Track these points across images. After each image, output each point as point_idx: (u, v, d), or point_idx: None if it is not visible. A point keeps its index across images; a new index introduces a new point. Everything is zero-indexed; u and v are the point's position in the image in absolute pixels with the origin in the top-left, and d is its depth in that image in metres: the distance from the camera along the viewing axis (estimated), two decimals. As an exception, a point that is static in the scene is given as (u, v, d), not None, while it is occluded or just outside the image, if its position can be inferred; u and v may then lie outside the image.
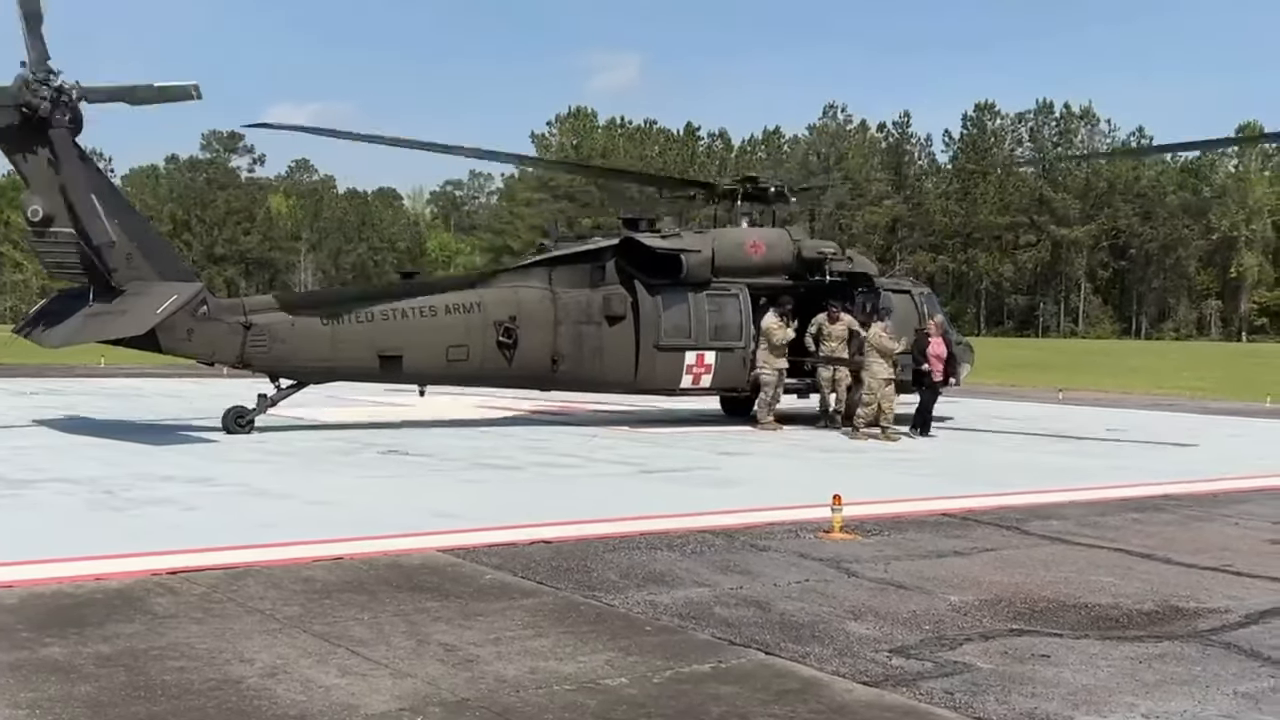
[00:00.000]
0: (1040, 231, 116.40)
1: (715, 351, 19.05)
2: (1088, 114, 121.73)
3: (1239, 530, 10.34)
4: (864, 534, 9.48)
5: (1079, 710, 5.24)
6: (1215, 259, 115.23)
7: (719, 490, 12.09)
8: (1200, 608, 7.29)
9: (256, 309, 17.28)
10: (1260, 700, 5.45)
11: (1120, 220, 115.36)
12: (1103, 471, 14.46)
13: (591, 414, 21.22)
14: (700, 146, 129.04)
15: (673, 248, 18.92)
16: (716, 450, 15.90)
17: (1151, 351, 72.76)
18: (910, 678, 5.69)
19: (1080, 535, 9.82)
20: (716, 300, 19.21)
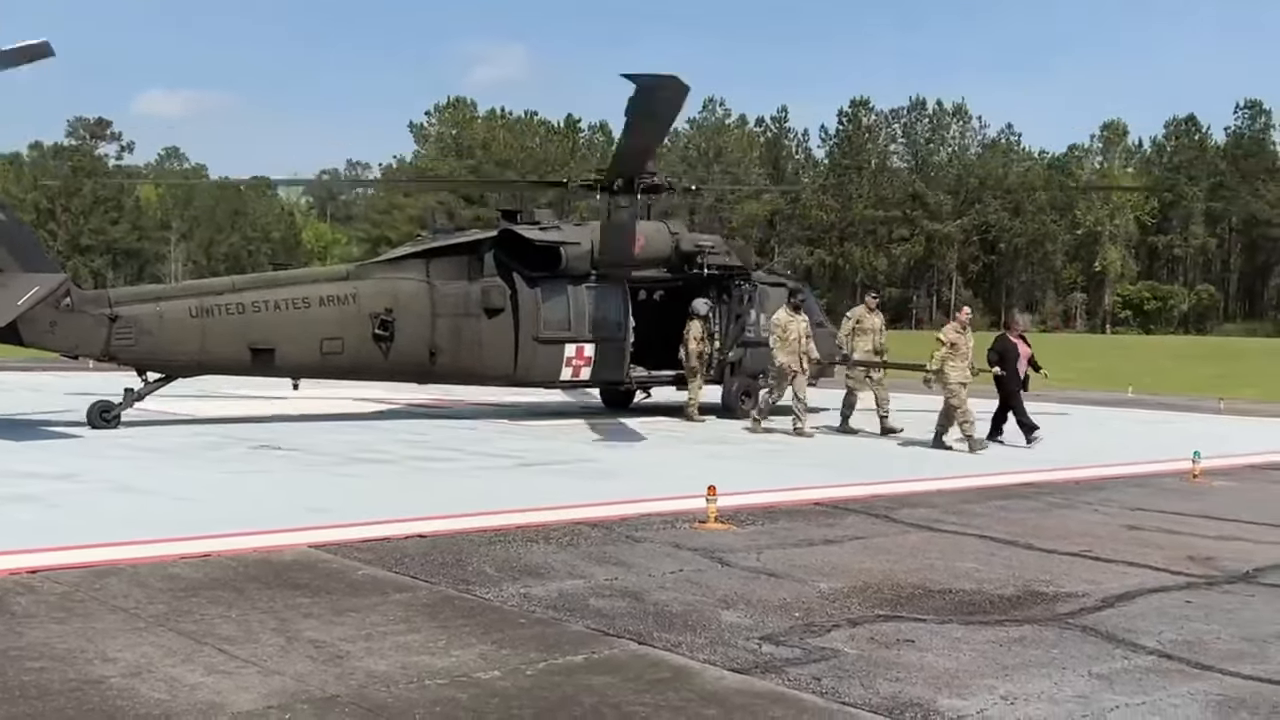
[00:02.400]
0: (914, 226, 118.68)
1: (595, 344, 19.07)
2: (960, 110, 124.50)
3: (1098, 517, 10.70)
4: (738, 524, 9.60)
5: (941, 693, 5.39)
6: (1081, 253, 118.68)
7: (597, 482, 12.13)
8: (1060, 592, 7.54)
9: (123, 300, 16.83)
10: (1113, 680, 5.66)
11: (990, 215, 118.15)
12: (969, 460, 14.84)
13: (470, 407, 21.10)
14: (581, 139, 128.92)
15: (551, 240, 18.90)
16: (595, 442, 15.95)
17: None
18: (779, 664, 5.79)
19: (946, 523, 10.07)
20: (596, 293, 19.24)
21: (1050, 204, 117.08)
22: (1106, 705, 5.28)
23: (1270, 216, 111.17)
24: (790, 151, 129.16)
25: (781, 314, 17.88)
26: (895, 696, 5.32)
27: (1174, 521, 10.50)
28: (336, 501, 10.45)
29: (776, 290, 21.02)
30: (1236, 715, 5.19)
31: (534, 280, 18.73)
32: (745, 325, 20.32)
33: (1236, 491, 12.74)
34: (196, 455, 13.67)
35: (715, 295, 20.31)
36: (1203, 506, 11.44)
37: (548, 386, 19.72)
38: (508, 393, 21.57)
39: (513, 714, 5.01)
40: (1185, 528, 10.18)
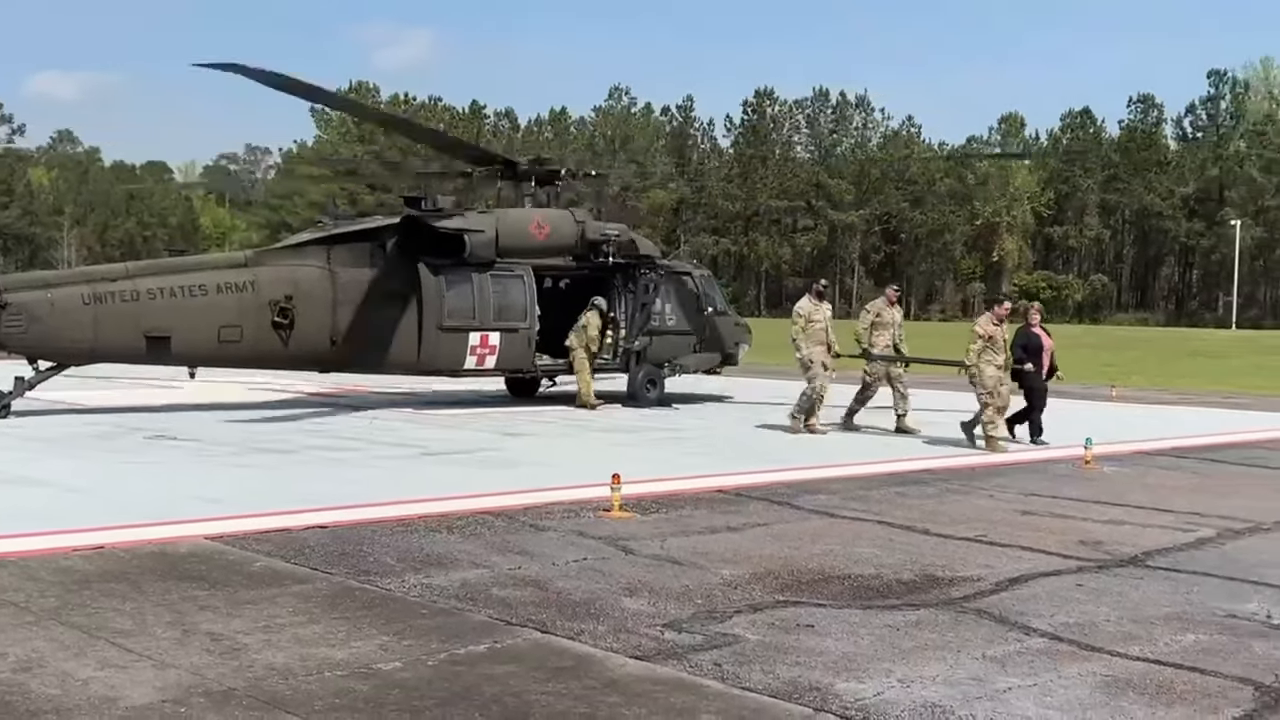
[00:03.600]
0: (817, 216, 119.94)
1: (500, 332, 18.99)
2: (862, 102, 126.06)
3: (993, 502, 10.92)
4: (642, 512, 9.63)
5: (839, 677, 5.47)
6: (979, 243, 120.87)
7: (501, 471, 12.09)
8: (955, 576, 7.69)
9: (12, 287, 16.38)
10: (1006, 663, 5.79)
11: (892, 206, 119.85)
12: (870, 447, 15.06)
13: (373, 396, 20.89)
14: (486, 125, 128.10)
15: (456, 227, 18.78)
16: (500, 432, 15.88)
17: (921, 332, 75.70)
18: (681, 651, 5.83)
19: (846, 509, 10.21)
20: (501, 281, 19.14)
21: (950, 195, 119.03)
22: (1000, 687, 5.40)
23: (1161, 209, 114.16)
24: (696, 141, 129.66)
25: (805, 303, 16.72)
26: (794, 681, 5.39)
27: (1066, 506, 10.75)
28: (234, 492, 10.29)
29: (682, 279, 21.13)
30: (1124, 695, 5.33)
31: (438, 268, 18.59)
32: (651, 314, 20.38)
33: (1127, 477, 13.08)
34: (89, 445, 13.37)
35: (621, 284, 20.35)
36: (1094, 492, 11.73)
37: (452, 375, 19.59)
38: (411, 381, 21.39)
39: (414, 704, 4.99)
40: (1077, 513, 10.43)
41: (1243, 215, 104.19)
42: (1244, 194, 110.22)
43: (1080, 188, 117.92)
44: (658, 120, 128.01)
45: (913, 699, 5.19)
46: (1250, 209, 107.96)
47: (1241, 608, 7.03)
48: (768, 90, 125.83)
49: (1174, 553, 8.71)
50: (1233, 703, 5.25)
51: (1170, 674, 5.66)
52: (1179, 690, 5.41)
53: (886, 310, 17.25)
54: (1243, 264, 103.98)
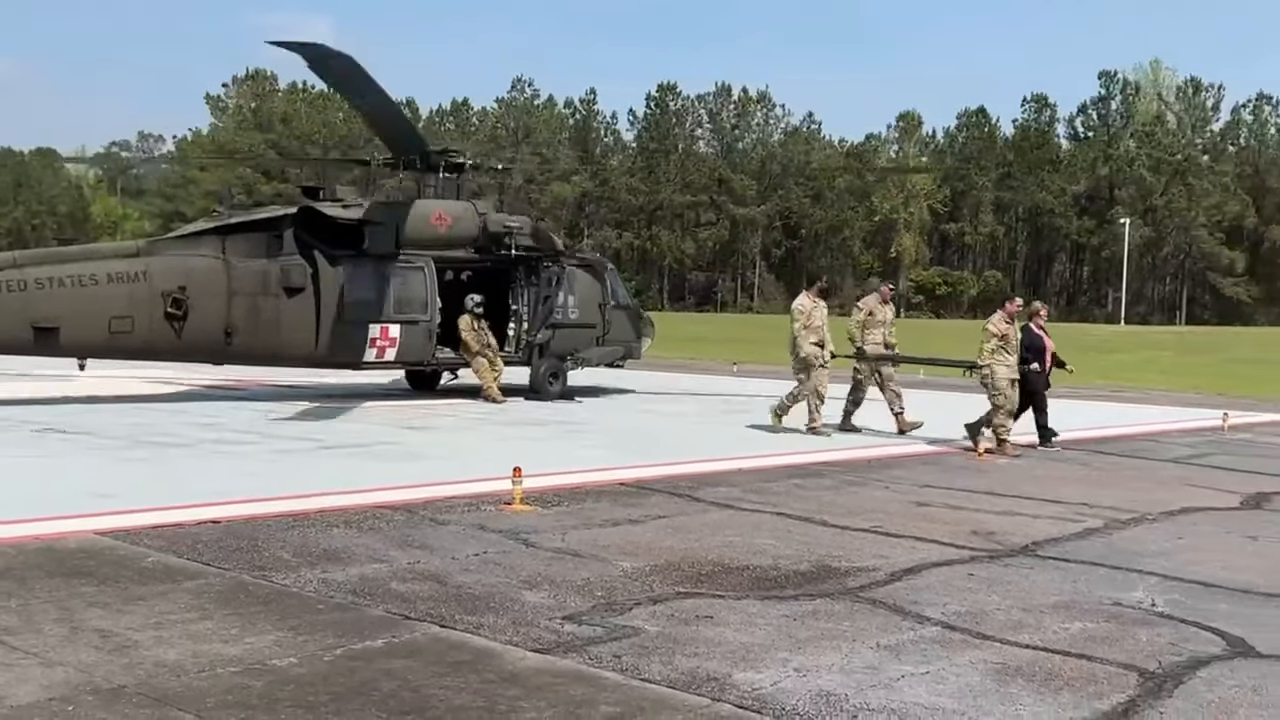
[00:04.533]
0: (719, 211, 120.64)
1: (400, 325, 18.81)
2: (764, 98, 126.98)
3: (889, 494, 11.10)
4: (543, 505, 9.62)
5: (737, 667, 5.52)
6: (877, 239, 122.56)
7: (400, 465, 11.98)
8: (851, 567, 7.80)
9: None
10: (900, 651, 5.89)
11: (793, 201, 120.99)
12: (770, 440, 15.20)
13: (269, 389, 20.56)
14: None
15: (354, 218, 18.55)
16: (400, 425, 15.74)
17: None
18: (581, 643, 5.84)
19: (746, 501, 10.30)
20: (401, 273, 18.96)
21: (849, 191, 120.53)
22: (893, 675, 5.49)
23: (1053, 206, 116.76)
24: (599, 134, 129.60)
25: (804, 300, 16.12)
26: (693, 672, 5.43)
27: (960, 498, 10.96)
28: (125, 487, 10.06)
29: (585, 272, 21.12)
30: (1013, 682, 5.45)
31: (336, 259, 18.35)
32: (554, 307, 20.34)
33: (1018, 468, 13.39)
34: (-28, 439, 12.97)
35: (524, 276, 20.28)
36: (987, 483, 11.98)
37: (351, 368, 19.36)
38: (309, 374, 21.08)
39: (308, 700, 4.93)
40: (970, 504, 10.65)
41: (1132, 214, 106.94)
42: (1133, 193, 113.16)
43: (975, 185, 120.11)
44: (561, 113, 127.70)
45: (808, 688, 5.26)
46: (1139, 207, 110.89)
47: (1127, 596, 7.23)
48: (670, 84, 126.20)
49: (1063, 543, 8.93)
50: (1117, 688, 5.40)
51: (1058, 661, 5.81)
52: (1066, 677, 5.56)
53: (879, 308, 16.66)
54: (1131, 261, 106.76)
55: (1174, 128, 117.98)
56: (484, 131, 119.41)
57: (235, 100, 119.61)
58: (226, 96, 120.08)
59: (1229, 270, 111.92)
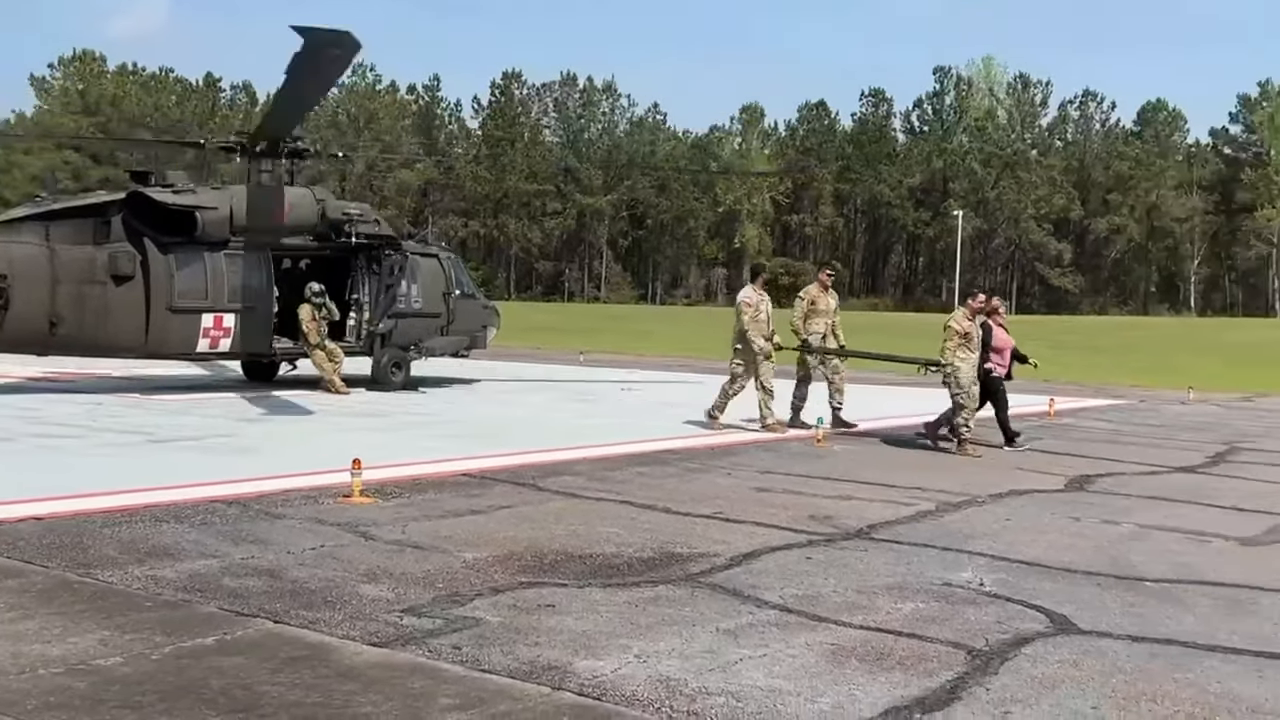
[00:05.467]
0: (566, 200, 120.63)
1: (235, 314, 18.33)
2: (609, 88, 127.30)
3: (730, 480, 11.25)
4: (383, 497, 9.48)
5: (578, 655, 5.53)
6: (721, 230, 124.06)
7: (235, 458, 11.68)
8: (693, 553, 7.88)
9: None
10: (738, 635, 5.97)
11: (639, 191, 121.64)
12: (615, 429, 15.27)
13: (97, 380, 19.81)
14: (223, 99, 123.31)
15: (186, 204, 18.00)
16: (235, 417, 15.34)
17: (666, 316, 77.54)
18: (420, 636, 5.77)
19: (590, 490, 10.32)
20: (236, 260, 18.47)
21: (693, 182, 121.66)
22: (732, 658, 5.56)
23: (890, 199, 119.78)
24: (444, 121, 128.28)
25: (750, 293, 15.54)
26: (534, 661, 5.42)
27: (799, 483, 11.17)
28: (-61, 484, 9.59)
29: (428, 260, 20.89)
30: (847, 663, 5.58)
31: (167, 246, 17.79)
32: (396, 296, 20.07)
33: (854, 454, 13.70)
34: None
35: (364, 265, 19.96)
36: (825, 469, 12.23)
37: (184, 359, 18.82)
38: (140, 366, 20.39)
39: (135, 700, 4.77)
40: (809, 489, 10.86)
41: (964, 206, 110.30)
42: (965, 186, 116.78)
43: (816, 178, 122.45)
44: (403, 99, 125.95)
45: (649, 673, 5.29)
46: (971, 200, 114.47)
47: (956, 576, 7.46)
48: (515, 73, 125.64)
49: (896, 525, 9.17)
50: (946, 666, 5.56)
51: (890, 641, 5.96)
52: (898, 656, 5.70)
53: (821, 297, 16.04)
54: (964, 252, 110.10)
55: (1004, 123, 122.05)
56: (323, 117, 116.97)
57: (61, 82, 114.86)
58: (52, 78, 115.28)
59: (1056, 261, 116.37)
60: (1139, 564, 8.06)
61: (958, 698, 5.11)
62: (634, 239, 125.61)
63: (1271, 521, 9.98)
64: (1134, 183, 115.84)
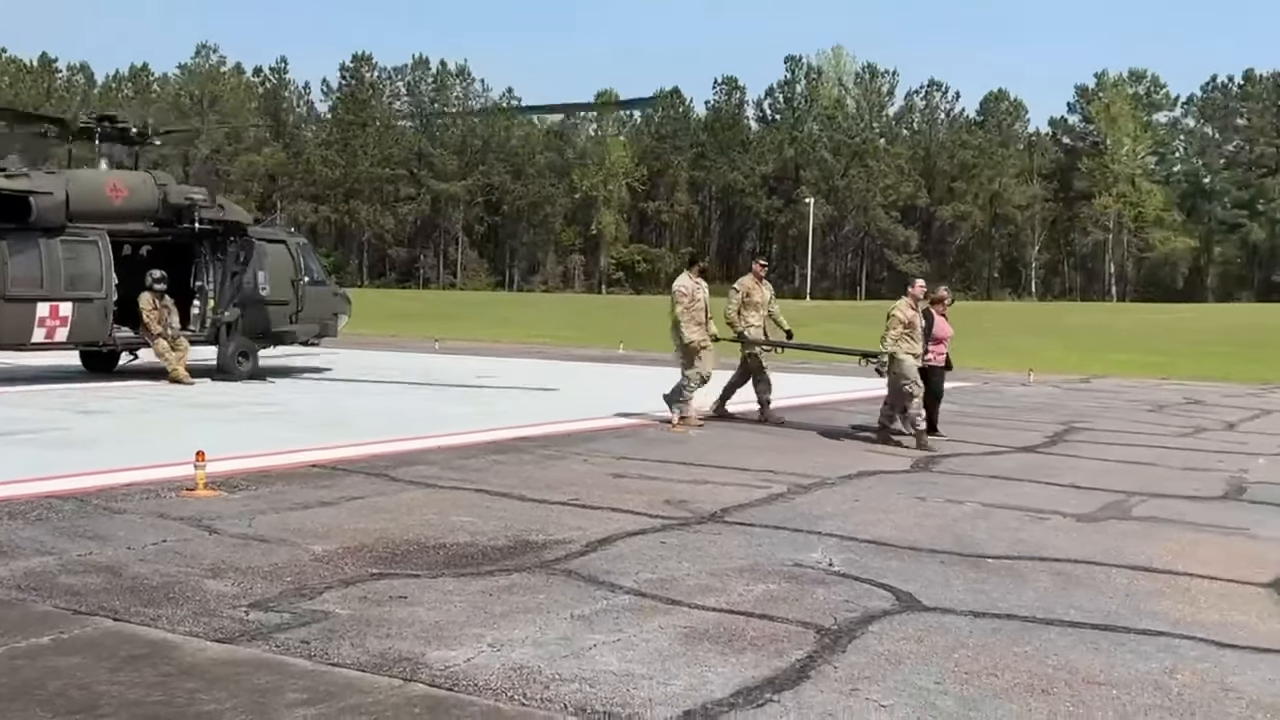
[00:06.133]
0: (420, 185, 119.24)
1: (72, 303, 17.67)
2: (463, 72, 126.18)
3: (587, 467, 11.26)
4: (229, 490, 9.26)
5: (431, 646, 5.48)
6: (578, 216, 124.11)
7: (72, 452, 11.25)
8: (548, 540, 7.87)
9: None
10: (593, 621, 5.99)
11: (494, 177, 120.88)
12: (471, 417, 15.16)
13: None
14: (58, 80, 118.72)
15: (18, 189, 17.28)
16: (73, 409, 14.80)
17: (523, 302, 77.24)
18: (267, 631, 5.65)
19: (444, 479, 10.23)
20: (73, 247, 17.79)
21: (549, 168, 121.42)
22: (586, 644, 5.57)
23: (744, 186, 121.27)
24: (292, 104, 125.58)
25: (686, 281, 15.09)
26: (385, 653, 5.35)
27: (654, 468, 11.24)
28: None
29: (275, 247, 20.43)
30: (700, 644, 5.63)
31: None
32: (242, 284, 19.59)
33: (710, 439, 13.84)
34: None
35: (209, 252, 19.43)
36: (680, 454, 12.33)
37: (18, 349, 18.06)
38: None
39: (-37, 707, 4.57)
40: (664, 474, 10.93)
41: (816, 194, 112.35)
42: (816, 174, 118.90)
43: (671, 165, 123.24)
44: (250, 81, 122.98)
45: (502, 662, 5.27)
46: (822, 188, 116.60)
47: (806, 557, 7.59)
48: (366, 55, 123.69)
49: (749, 508, 9.29)
50: (796, 645, 5.66)
51: (742, 622, 6.04)
52: (750, 637, 5.78)
53: (755, 288, 15.69)
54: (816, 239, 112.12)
55: (853, 112, 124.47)
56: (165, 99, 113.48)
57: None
58: None
59: (904, 247, 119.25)
60: (982, 541, 8.31)
61: (807, 676, 5.20)
62: (490, 225, 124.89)
63: (1107, 499, 10.39)
64: (977, 171, 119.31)
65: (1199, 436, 15.85)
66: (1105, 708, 4.93)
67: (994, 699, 5.00)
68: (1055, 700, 5.00)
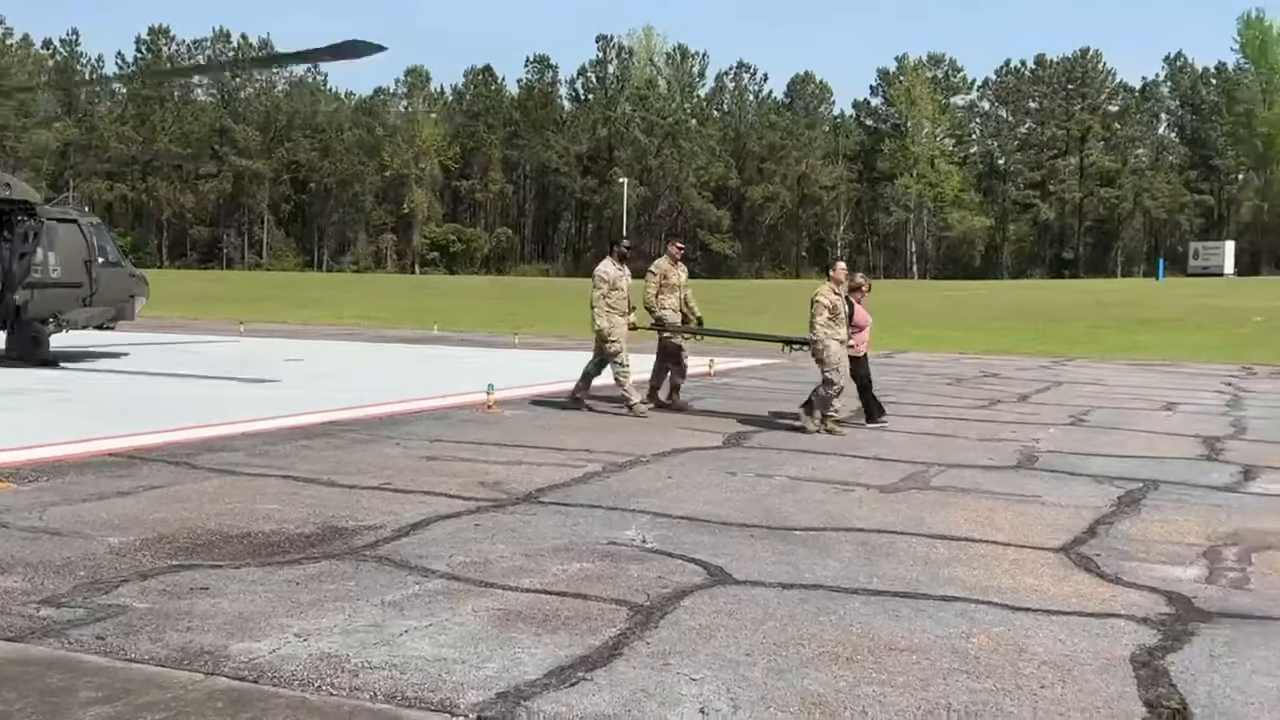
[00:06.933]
0: (222, 162, 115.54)
1: None
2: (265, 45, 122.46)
3: (399, 450, 11.10)
4: (19, 481, 8.81)
5: (234, 638, 5.32)
6: (389, 195, 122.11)
7: None
8: (359, 526, 7.73)
9: None
10: (404, 606, 5.90)
11: (300, 154, 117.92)
12: (278, 400, 14.77)
13: None
14: None
15: None
16: None
17: (333, 283, 75.63)
18: (59, 627, 5.40)
19: (250, 466, 9.94)
20: None
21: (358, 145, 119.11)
22: (397, 630, 5.49)
23: (558, 165, 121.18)
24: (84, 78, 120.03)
25: (609, 267, 14.57)
26: (185, 647, 5.17)
27: (469, 450, 11.15)
28: None
29: (67, 226, 19.51)
30: (514, 626, 5.61)
31: None
32: (31, 266, 18.65)
33: (525, 420, 13.80)
34: None
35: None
36: (495, 435, 12.26)
37: None
38: None
39: None
40: (479, 456, 10.85)
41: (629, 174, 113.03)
42: (629, 154, 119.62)
43: (484, 143, 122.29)
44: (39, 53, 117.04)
45: (310, 652, 5.16)
46: (636, 168, 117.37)
47: (621, 535, 7.64)
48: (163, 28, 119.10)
49: (564, 488, 9.31)
50: (609, 623, 5.69)
51: (556, 602, 6.04)
52: (564, 617, 5.79)
53: (672, 270, 15.08)
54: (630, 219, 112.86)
55: (665, 92, 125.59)
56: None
57: None
58: None
59: (716, 227, 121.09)
60: (790, 514, 8.50)
61: (619, 653, 5.24)
62: (297, 204, 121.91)
63: (908, 469, 10.75)
64: (785, 152, 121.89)
65: (994, 408, 16.53)
66: (906, 673, 5.10)
67: (801, 668, 5.12)
68: (859, 668, 5.15)
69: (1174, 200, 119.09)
